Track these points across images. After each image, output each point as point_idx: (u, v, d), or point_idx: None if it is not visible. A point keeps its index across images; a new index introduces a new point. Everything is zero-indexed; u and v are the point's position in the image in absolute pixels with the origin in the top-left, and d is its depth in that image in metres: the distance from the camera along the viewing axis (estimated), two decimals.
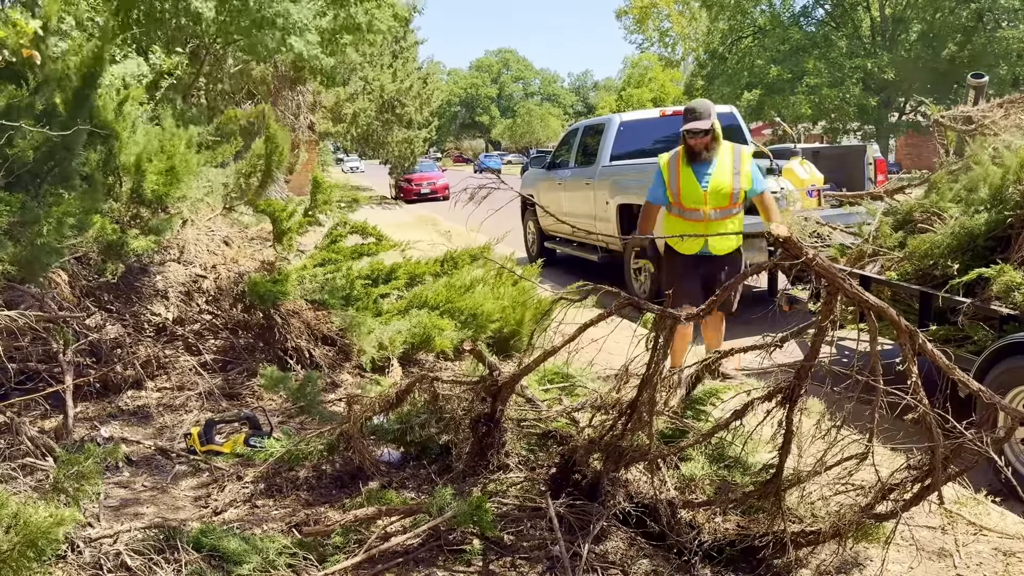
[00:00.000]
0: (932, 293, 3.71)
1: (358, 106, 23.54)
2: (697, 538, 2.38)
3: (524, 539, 2.58)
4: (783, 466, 2.32)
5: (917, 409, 2.10)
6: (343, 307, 4.63)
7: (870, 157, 6.97)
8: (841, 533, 2.33)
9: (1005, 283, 3.28)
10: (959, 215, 3.87)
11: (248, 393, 4.32)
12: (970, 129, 4.34)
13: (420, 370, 4.82)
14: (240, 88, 12.76)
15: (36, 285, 3.67)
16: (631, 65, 61.76)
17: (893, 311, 2.09)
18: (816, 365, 2.26)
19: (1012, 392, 3.18)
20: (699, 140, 4.34)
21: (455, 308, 4.89)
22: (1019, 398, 3.18)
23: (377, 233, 5.31)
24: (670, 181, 4.46)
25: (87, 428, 3.68)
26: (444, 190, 27.16)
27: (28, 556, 1.91)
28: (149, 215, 4.66)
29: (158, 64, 6.35)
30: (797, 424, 2.29)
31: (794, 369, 2.28)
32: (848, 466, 2.36)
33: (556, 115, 71.20)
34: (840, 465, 2.35)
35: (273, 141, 5.17)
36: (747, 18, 29.92)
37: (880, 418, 2.25)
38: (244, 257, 5.00)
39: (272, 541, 2.44)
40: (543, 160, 10.59)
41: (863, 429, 2.41)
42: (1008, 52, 23.59)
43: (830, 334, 2.22)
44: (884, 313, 2.07)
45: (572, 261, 10.07)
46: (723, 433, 2.56)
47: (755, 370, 4.89)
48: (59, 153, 3.84)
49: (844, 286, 2.07)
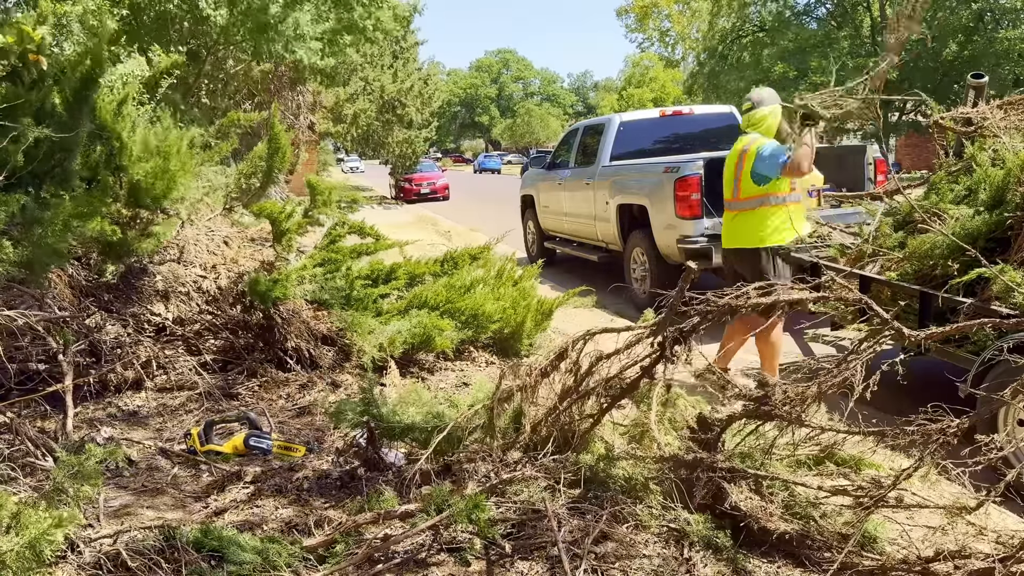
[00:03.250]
0: (932, 293, 3.71)
1: (358, 106, 23.54)
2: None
3: (524, 539, 2.58)
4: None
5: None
6: (343, 307, 4.63)
7: (870, 157, 6.97)
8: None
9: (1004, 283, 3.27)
10: (959, 216, 3.87)
11: (248, 393, 4.32)
12: (969, 131, 4.34)
13: (420, 370, 4.83)
14: (240, 88, 12.77)
15: (36, 285, 3.67)
16: (632, 64, 61.78)
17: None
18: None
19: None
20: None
21: (455, 308, 4.89)
22: (1018, 398, 3.17)
23: (376, 233, 5.31)
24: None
25: (87, 428, 3.68)
26: (444, 190, 27.18)
27: (28, 557, 1.91)
28: (149, 215, 4.66)
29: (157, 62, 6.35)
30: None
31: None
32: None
33: (556, 115, 71.22)
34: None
35: (276, 142, 5.17)
36: (749, 16, 29.91)
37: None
38: (244, 257, 5.00)
39: (272, 541, 2.44)
40: (543, 160, 10.60)
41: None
42: (1009, 52, 23.58)
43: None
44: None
45: (572, 261, 10.07)
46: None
47: (754, 370, 4.90)
48: (59, 154, 3.84)
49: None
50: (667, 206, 6.63)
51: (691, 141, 8.45)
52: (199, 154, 5.20)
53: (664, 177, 6.71)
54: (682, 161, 6.76)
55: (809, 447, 2.93)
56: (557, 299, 5.47)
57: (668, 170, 6.66)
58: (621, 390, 3.00)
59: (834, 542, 2.47)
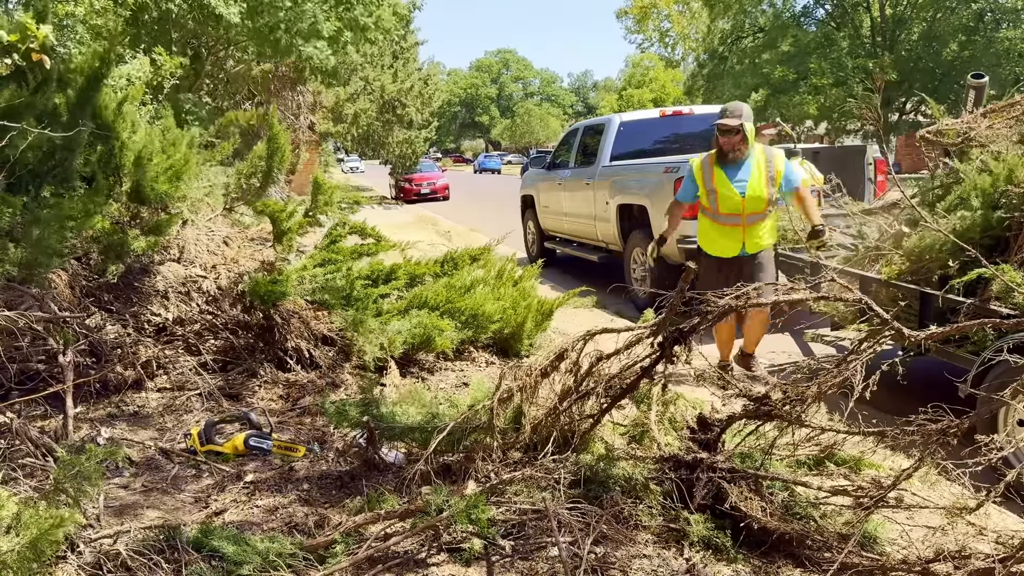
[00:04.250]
0: (932, 294, 3.72)
1: (359, 106, 23.53)
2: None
3: (524, 539, 2.58)
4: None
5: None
6: (343, 307, 4.63)
7: (870, 157, 6.97)
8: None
9: (1004, 283, 3.28)
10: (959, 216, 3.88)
11: (248, 393, 4.32)
12: (957, 142, 4.37)
13: (420, 370, 4.83)
14: (241, 88, 12.78)
15: (36, 285, 3.67)
16: (632, 65, 61.77)
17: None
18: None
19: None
20: (729, 140, 4.37)
21: (455, 308, 4.89)
22: (1017, 399, 3.18)
23: (376, 234, 5.31)
24: (704, 184, 4.49)
25: (87, 428, 3.69)
26: (444, 190, 27.16)
27: (29, 557, 1.91)
28: (149, 215, 4.66)
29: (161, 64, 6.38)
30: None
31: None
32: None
33: (556, 115, 71.22)
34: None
35: (275, 142, 5.17)
36: (748, 18, 29.90)
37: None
38: (244, 257, 5.00)
39: (272, 542, 2.44)
40: (543, 160, 10.60)
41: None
42: (1009, 52, 23.58)
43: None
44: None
45: (572, 261, 10.07)
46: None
47: (768, 366, 4.90)
48: (60, 153, 3.85)
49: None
50: (667, 206, 6.62)
51: (691, 141, 8.44)
52: (201, 152, 5.21)
53: (664, 177, 6.71)
54: (682, 161, 6.75)
55: (809, 447, 2.93)
56: (557, 299, 5.47)
57: (668, 170, 6.67)
58: (621, 390, 3.00)
59: (834, 542, 2.47)
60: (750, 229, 4.48)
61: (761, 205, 4.43)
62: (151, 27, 9.25)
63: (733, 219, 4.46)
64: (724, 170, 4.42)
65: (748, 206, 4.41)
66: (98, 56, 3.90)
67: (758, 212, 4.45)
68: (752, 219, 4.46)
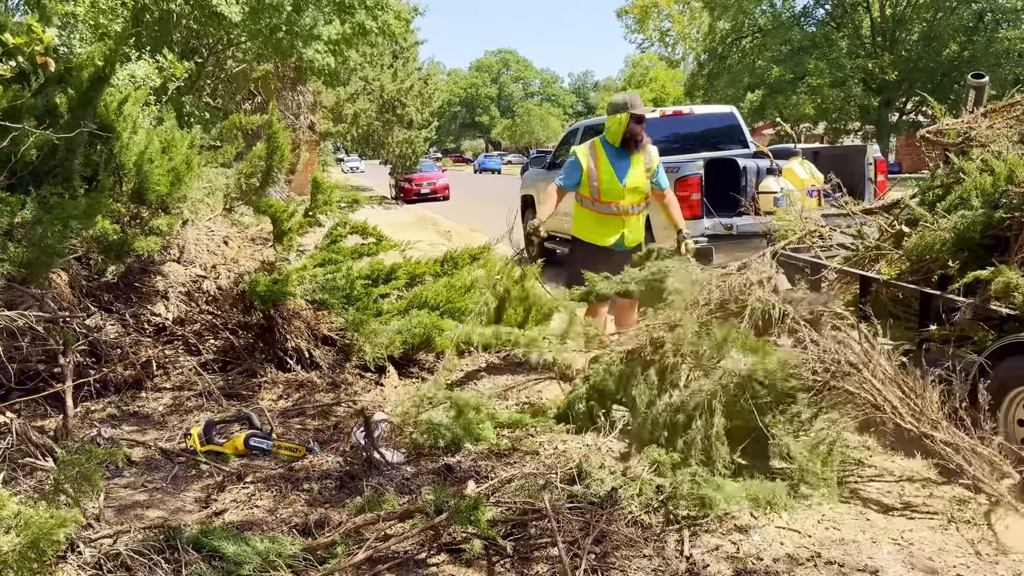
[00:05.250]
0: (932, 293, 3.71)
1: (359, 106, 23.55)
2: None
3: (524, 539, 2.58)
4: None
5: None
6: (343, 307, 4.63)
7: (870, 157, 6.97)
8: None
9: (1004, 283, 3.28)
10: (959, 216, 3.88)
11: (248, 393, 4.32)
12: (957, 142, 4.37)
13: (420, 370, 4.83)
14: (241, 88, 12.78)
15: (36, 285, 3.67)
16: (632, 65, 61.78)
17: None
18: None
19: (1012, 392, 3.18)
20: (641, 129, 4.52)
21: (455, 308, 4.89)
22: (1019, 398, 3.18)
23: (377, 233, 5.30)
24: (589, 172, 4.55)
25: (87, 428, 3.69)
26: (444, 190, 27.15)
27: (30, 557, 1.91)
28: (149, 215, 4.66)
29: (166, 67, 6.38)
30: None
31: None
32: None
33: (556, 115, 71.23)
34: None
35: (275, 141, 5.17)
36: (748, 18, 29.90)
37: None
38: (244, 257, 4.99)
39: (272, 542, 2.44)
40: (543, 160, 10.58)
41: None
42: (1009, 52, 23.59)
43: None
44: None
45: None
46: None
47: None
48: (61, 153, 3.84)
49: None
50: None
51: (691, 141, 8.43)
52: (202, 154, 5.21)
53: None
54: (682, 161, 6.76)
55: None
56: (557, 299, 5.45)
57: (668, 170, 6.65)
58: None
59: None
60: (629, 220, 4.58)
61: (640, 196, 4.56)
62: (152, 27, 9.25)
63: (610, 208, 4.55)
64: (612, 163, 4.51)
65: (628, 196, 4.52)
66: (103, 56, 3.89)
67: (636, 203, 4.56)
68: (632, 209, 4.56)
